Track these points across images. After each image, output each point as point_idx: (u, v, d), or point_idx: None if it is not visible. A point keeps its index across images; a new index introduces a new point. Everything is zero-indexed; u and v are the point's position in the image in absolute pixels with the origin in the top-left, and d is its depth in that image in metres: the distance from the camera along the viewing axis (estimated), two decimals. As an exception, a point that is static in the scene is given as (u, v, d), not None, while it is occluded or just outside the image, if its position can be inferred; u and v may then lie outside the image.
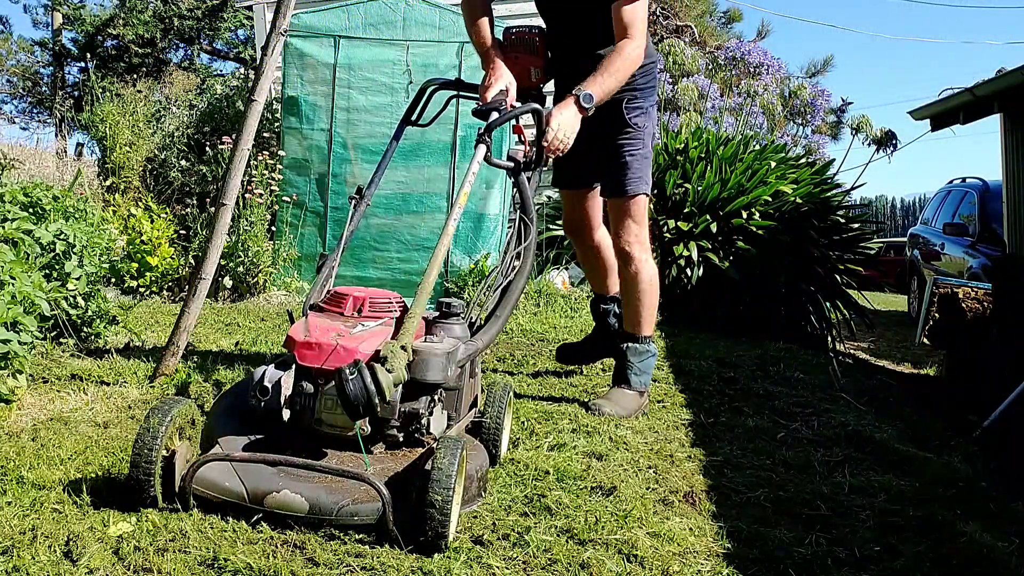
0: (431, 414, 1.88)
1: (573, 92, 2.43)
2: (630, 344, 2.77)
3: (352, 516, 1.62)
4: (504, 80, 2.46)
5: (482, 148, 2.25)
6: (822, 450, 2.51)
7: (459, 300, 2.10)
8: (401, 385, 1.76)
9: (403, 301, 2.03)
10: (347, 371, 1.65)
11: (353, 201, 2.51)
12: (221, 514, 1.66)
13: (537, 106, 2.39)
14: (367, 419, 1.75)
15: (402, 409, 1.81)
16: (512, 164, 2.39)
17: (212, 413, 1.96)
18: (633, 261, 2.70)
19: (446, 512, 1.56)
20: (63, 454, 2.03)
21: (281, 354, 2.07)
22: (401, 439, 1.85)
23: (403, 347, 1.78)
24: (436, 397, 1.90)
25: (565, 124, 2.38)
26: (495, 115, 2.31)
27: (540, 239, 5.39)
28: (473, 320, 2.21)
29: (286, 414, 1.80)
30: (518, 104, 2.43)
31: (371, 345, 1.79)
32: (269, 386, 1.79)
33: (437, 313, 2.07)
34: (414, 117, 2.64)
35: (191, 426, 1.79)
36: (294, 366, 1.82)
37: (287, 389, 1.81)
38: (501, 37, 2.66)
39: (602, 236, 2.99)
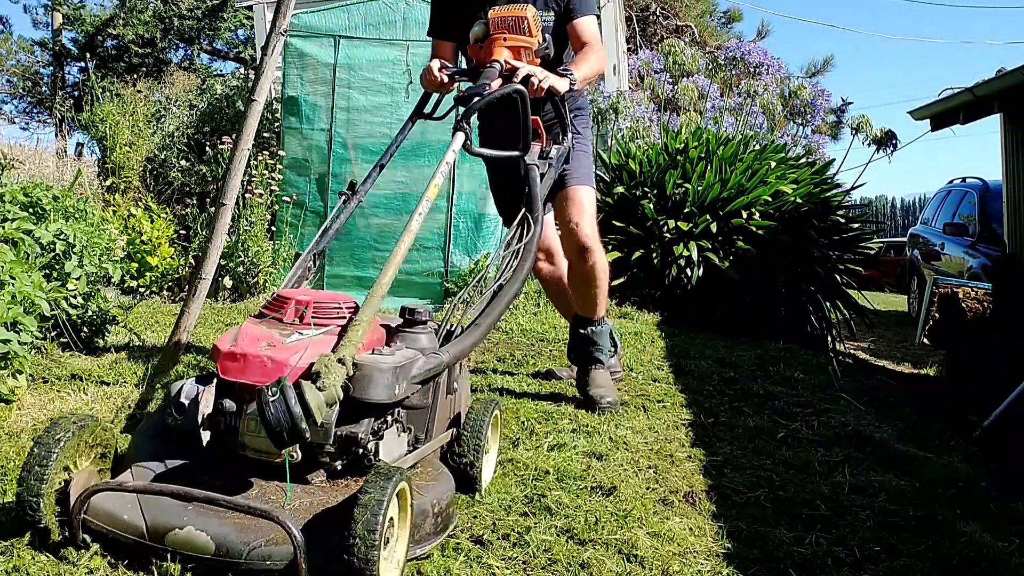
0: (380, 437, 1.64)
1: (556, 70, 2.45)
2: (592, 328, 2.86)
3: (265, 560, 1.39)
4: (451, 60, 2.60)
5: (459, 136, 2.12)
6: (822, 450, 2.51)
7: (425, 305, 1.94)
8: (338, 405, 1.51)
9: (356, 305, 1.77)
10: (267, 392, 1.42)
11: (344, 197, 2.33)
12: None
13: (521, 87, 2.27)
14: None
15: (339, 433, 1.55)
16: (516, 153, 2.31)
17: (136, 434, 1.77)
18: (592, 253, 2.72)
19: (369, 559, 1.32)
20: (63, 454, 2.03)
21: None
22: (340, 467, 1.60)
23: (340, 360, 1.52)
24: (390, 418, 1.67)
25: (552, 76, 2.37)
26: (477, 100, 2.17)
27: (540, 239, 5.38)
28: (453, 328, 1.95)
29: (205, 436, 1.58)
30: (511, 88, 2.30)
31: (307, 357, 1.55)
32: (186, 403, 1.58)
33: (400, 320, 1.83)
34: (427, 110, 2.57)
35: (101, 448, 1.58)
36: (215, 380, 1.61)
37: (207, 407, 1.58)
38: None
39: (561, 259, 2.96)
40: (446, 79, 2.49)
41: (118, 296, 4.81)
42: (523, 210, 2.24)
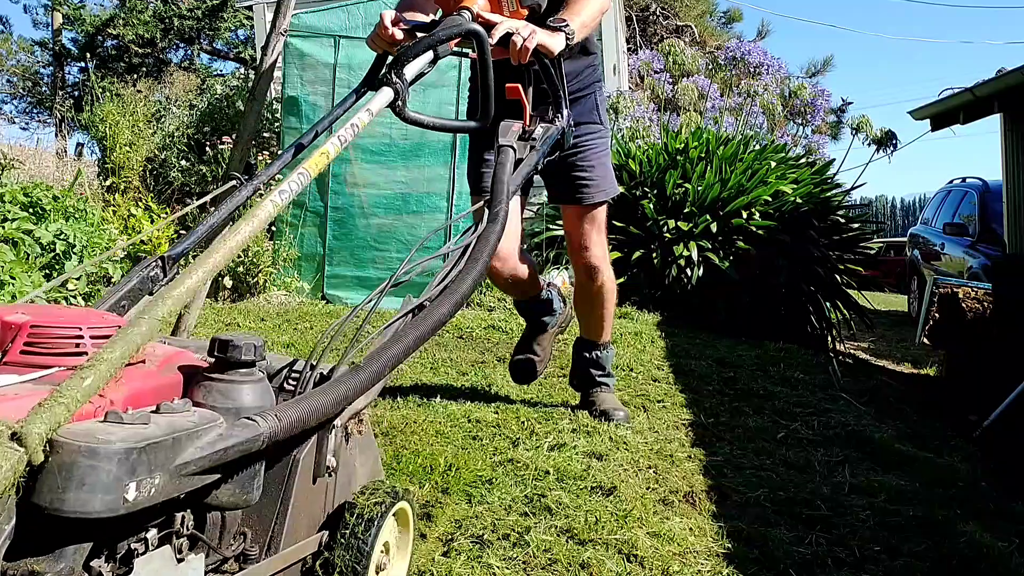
0: (121, 562, 0.96)
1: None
2: (599, 353, 2.67)
3: None
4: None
5: (384, 94, 1.55)
6: (822, 450, 2.51)
7: (252, 337, 1.16)
8: (8, 522, 0.86)
9: (111, 333, 1.07)
10: None
11: (235, 183, 1.73)
12: None
13: (475, 28, 1.69)
14: None
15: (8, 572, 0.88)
16: (472, 124, 1.85)
17: None
18: (600, 274, 2.53)
19: None
20: (63, 454, 2.03)
21: None
22: None
23: (15, 436, 0.83)
24: (153, 533, 0.99)
25: (540, 32, 1.84)
26: (417, 47, 1.64)
27: (540, 239, 5.39)
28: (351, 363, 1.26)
29: None
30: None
31: None
32: None
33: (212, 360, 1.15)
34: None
35: None
36: None
37: None
38: None
39: (518, 260, 2.49)
40: (400, 35, 1.86)
41: (118, 296, 4.80)
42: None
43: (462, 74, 5.27)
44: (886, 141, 6.52)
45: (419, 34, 1.80)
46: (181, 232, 5.51)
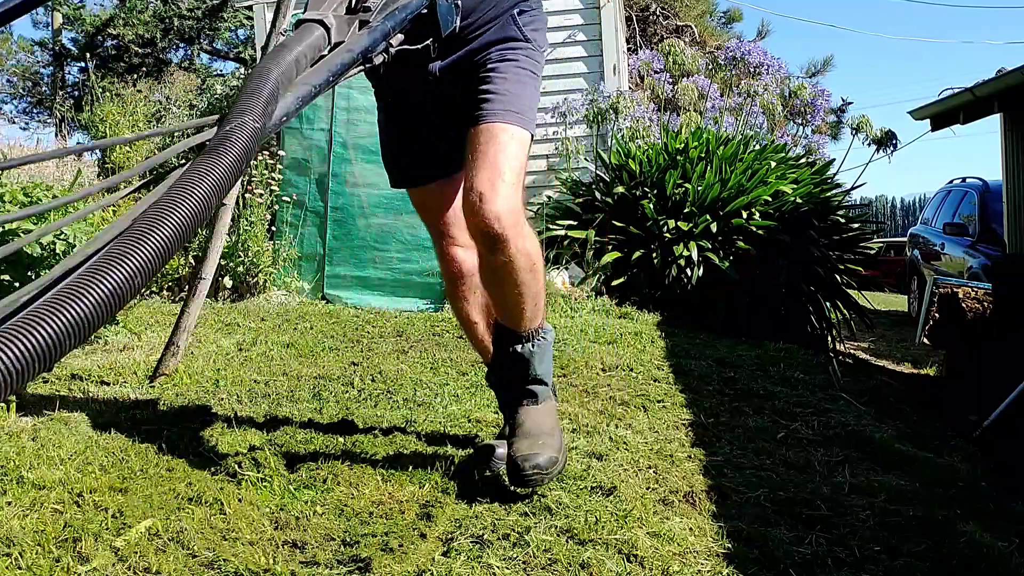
0: None
1: None
2: (525, 345, 1.89)
3: None
4: None
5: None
6: (822, 450, 2.51)
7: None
8: None
9: None
10: None
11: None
12: (222, 514, 1.65)
13: None
14: None
15: None
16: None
17: None
18: (508, 245, 1.71)
19: None
20: (63, 454, 2.03)
21: None
22: None
23: None
24: None
25: None
26: None
27: (540, 239, 5.38)
28: None
29: None
30: None
31: None
32: None
33: None
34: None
35: None
36: None
37: None
38: None
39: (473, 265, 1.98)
40: None
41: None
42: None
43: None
44: (886, 141, 6.51)
45: None
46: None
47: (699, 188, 5.17)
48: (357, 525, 1.69)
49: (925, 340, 4.71)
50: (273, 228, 5.46)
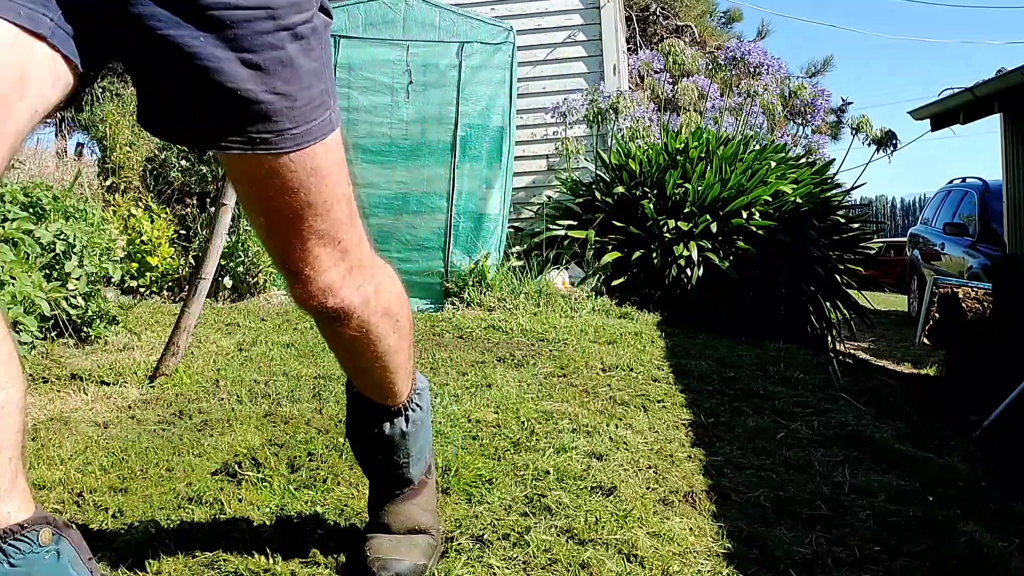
0: None
1: None
2: (396, 423, 1.48)
3: None
4: None
5: None
6: (822, 450, 2.51)
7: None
8: None
9: None
10: None
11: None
12: (222, 514, 1.65)
13: None
14: None
15: None
16: None
17: None
18: (354, 312, 1.27)
19: None
20: (63, 454, 2.03)
21: None
22: None
23: None
24: None
25: None
26: None
27: (540, 239, 5.39)
28: None
29: None
30: None
31: None
32: None
33: None
34: None
35: None
36: None
37: None
38: None
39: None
40: None
41: (118, 296, 4.81)
42: None
43: (462, 75, 5.28)
44: (886, 141, 6.51)
45: None
46: (181, 231, 5.50)
47: (699, 188, 5.17)
48: (357, 525, 1.69)
49: (925, 340, 4.72)
50: (273, 228, 5.46)
